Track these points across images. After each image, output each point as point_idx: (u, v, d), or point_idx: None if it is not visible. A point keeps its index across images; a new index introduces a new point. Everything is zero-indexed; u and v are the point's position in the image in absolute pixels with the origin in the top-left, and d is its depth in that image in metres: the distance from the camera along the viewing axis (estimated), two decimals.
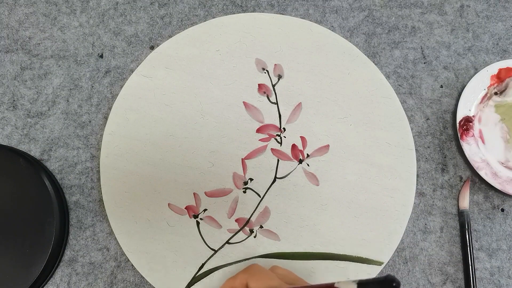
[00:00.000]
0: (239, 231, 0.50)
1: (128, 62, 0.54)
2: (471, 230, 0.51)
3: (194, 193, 0.50)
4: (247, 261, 0.49)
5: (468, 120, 0.52)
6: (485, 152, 0.51)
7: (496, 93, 0.53)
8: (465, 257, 0.50)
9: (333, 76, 0.53)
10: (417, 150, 0.52)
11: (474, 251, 0.51)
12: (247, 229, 0.50)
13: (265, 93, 0.52)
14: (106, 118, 0.53)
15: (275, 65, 0.53)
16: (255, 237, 0.50)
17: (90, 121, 0.53)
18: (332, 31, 0.54)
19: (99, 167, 0.51)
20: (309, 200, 0.50)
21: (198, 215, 0.50)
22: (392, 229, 0.50)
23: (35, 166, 0.49)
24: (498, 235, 0.51)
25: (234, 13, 0.55)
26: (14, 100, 0.53)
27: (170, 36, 0.55)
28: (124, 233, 0.49)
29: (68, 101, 0.53)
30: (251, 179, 0.51)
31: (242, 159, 0.51)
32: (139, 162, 0.51)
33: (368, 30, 0.55)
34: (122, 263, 0.50)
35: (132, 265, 0.49)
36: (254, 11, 0.56)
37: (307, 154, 0.51)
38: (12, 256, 0.47)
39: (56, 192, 0.49)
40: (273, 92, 0.52)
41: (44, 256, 0.47)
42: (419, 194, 0.52)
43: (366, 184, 0.51)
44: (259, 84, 0.53)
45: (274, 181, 0.51)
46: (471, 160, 0.51)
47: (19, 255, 0.47)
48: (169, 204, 0.50)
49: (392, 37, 0.55)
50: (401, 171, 0.51)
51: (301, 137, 0.51)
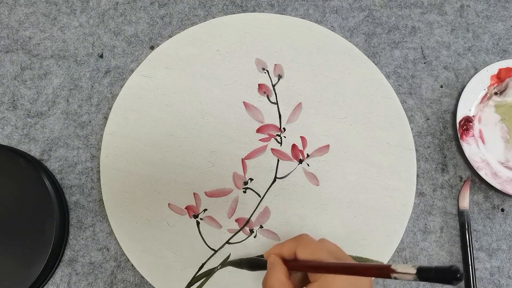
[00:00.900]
0: (239, 231, 0.50)
1: (128, 62, 0.54)
2: (471, 230, 0.51)
3: (194, 193, 0.50)
4: None
5: (468, 120, 0.52)
6: (485, 152, 0.51)
7: (496, 93, 0.53)
8: (465, 257, 0.50)
9: (333, 76, 0.53)
10: (417, 150, 0.52)
11: (474, 251, 0.51)
12: (247, 229, 0.50)
13: (265, 93, 0.52)
14: (106, 118, 0.53)
15: (275, 65, 0.53)
16: (255, 237, 0.50)
17: (90, 121, 0.53)
18: (332, 31, 0.54)
19: (99, 167, 0.51)
20: (309, 200, 0.50)
21: (198, 215, 0.50)
22: (392, 229, 0.50)
23: (35, 166, 0.49)
24: (498, 235, 0.51)
25: (234, 13, 0.55)
26: (14, 100, 0.53)
27: (170, 36, 0.55)
28: (124, 233, 0.49)
29: (68, 101, 0.53)
30: (251, 179, 0.51)
31: (242, 159, 0.51)
32: (139, 162, 0.51)
33: (368, 30, 0.55)
34: (122, 263, 0.50)
35: (132, 265, 0.49)
36: (254, 11, 0.56)
37: (307, 154, 0.51)
38: (12, 256, 0.47)
39: (56, 192, 0.49)
40: (273, 92, 0.52)
41: (44, 256, 0.47)
42: (419, 194, 0.52)
43: (366, 184, 0.51)
44: (259, 84, 0.53)
45: (274, 181, 0.51)
46: (471, 160, 0.51)
47: (19, 255, 0.47)
48: (169, 204, 0.50)
49: (392, 37, 0.55)
50: (401, 171, 0.51)
51: (301, 137, 0.51)
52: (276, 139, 0.52)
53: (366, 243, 0.50)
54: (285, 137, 0.52)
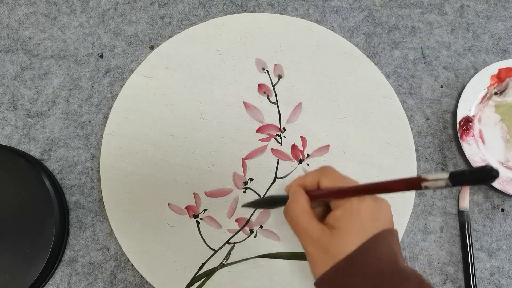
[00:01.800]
0: (239, 231, 0.50)
1: (128, 62, 0.54)
2: (471, 230, 0.51)
3: (194, 193, 0.50)
4: (247, 261, 0.49)
5: (468, 120, 0.52)
6: (485, 152, 0.51)
7: (496, 93, 0.53)
8: (465, 257, 0.50)
9: (333, 76, 0.53)
10: (417, 150, 0.52)
11: (474, 251, 0.51)
12: (247, 229, 0.50)
13: (265, 93, 0.52)
14: (106, 118, 0.53)
15: (275, 65, 0.53)
16: (255, 237, 0.50)
17: (90, 121, 0.53)
18: (332, 31, 0.54)
19: (99, 167, 0.51)
20: None
21: (198, 215, 0.50)
22: None
23: (35, 166, 0.49)
24: (498, 235, 0.51)
25: (234, 13, 0.55)
26: (14, 100, 0.53)
27: (170, 36, 0.55)
28: (124, 233, 0.49)
29: (68, 101, 0.53)
30: (251, 179, 0.51)
31: (242, 159, 0.51)
32: (139, 162, 0.51)
33: (368, 30, 0.55)
34: (122, 263, 0.50)
35: (132, 265, 0.49)
36: (254, 11, 0.56)
37: (307, 154, 0.51)
38: (12, 256, 0.47)
39: (56, 192, 0.49)
40: (273, 92, 0.52)
41: (44, 256, 0.47)
42: (419, 194, 0.52)
43: None
44: (259, 84, 0.53)
45: (274, 181, 0.51)
46: (471, 160, 0.51)
47: (19, 255, 0.47)
48: (169, 204, 0.50)
49: (392, 37, 0.55)
50: (401, 171, 0.51)
51: (301, 137, 0.51)
52: (276, 139, 0.52)
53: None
54: (285, 137, 0.52)
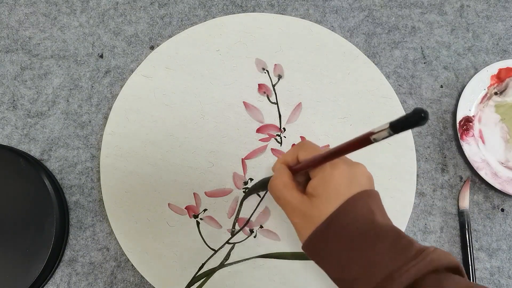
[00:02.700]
0: (239, 231, 0.50)
1: (128, 62, 0.54)
2: (471, 230, 0.51)
3: (194, 193, 0.50)
4: (247, 261, 0.49)
5: (468, 120, 0.52)
6: (485, 152, 0.51)
7: (496, 93, 0.53)
8: (465, 257, 0.50)
9: (333, 76, 0.53)
10: (417, 150, 0.52)
11: (474, 251, 0.51)
12: (247, 229, 0.50)
13: (265, 93, 0.52)
14: (106, 118, 0.53)
15: (275, 65, 0.53)
16: (255, 237, 0.50)
17: (90, 121, 0.53)
18: (332, 31, 0.54)
19: (99, 167, 0.51)
20: None
21: (198, 215, 0.50)
22: None
23: (35, 166, 0.49)
24: (498, 235, 0.51)
25: (234, 13, 0.55)
26: (14, 100, 0.53)
27: (170, 36, 0.55)
28: (124, 233, 0.49)
29: (68, 101, 0.53)
30: (251, 179, 0.51)
31: (242, 159, 0.51)
32: (139, 162, 0.51)
33: (368, 30, 0.55)
34: (122, 263, 0.50)
35: (132, 265, 0.49)
36: (254, 11, 0.56)
37: None
38: (12, 256, 0.47)
39: (56, 192, 0.49)
40: (273, 92, 0.52)
41: (44, 256, 0.47)
42: (419, 194, 0.52)
43: None
44: (259, 84, 0.53)
45: None
46: (471, 160, 0.51)
47: (19, 255, 0.47)
48: (169, 204, 0.50)
49: (392, 37, 0.55)
50: (401, 171, 0.51)
51: (301, 137, 0.51)
52: (276, 139, 0.52)
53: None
54: (285, 137, 0.52)
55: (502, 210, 0.52)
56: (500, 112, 0.52)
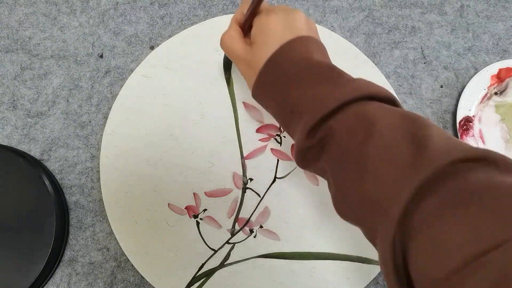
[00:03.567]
0: (239, 231, 0.50)
1: (128, 62, 0.54)
2: None
3: (194, 193, 0.50)
4: (247, 261, 0.49)
5: (468, 120, 0.52)
6: None
7: (496, 93, 0.53)
8: None
9: None
10: None
11: None
12: (247, 229, 0.50)
13: None
14: (106, 118, 0.53)
15: None
16: (255, 237, 0.50)
17: (90, 121, 0.53)
18: (332, 31, 0.54)
19: (99, 167, 0.51)
20: (309, 200, 0.50)
21: (198, 215, 0.50)
22: None
23: (35, 166, 0.49)
24: None
25: (234, 13, 0.55)
26: (14, 100, 0.53)
27: (170, 36, 0.55)
28: (124, 233, 0.49)
29: (68, 101, 0.53)
30: (251, 179, 0.51)
31: (242, 159, 0.51)
32: (139, 162, 0.51)
33: (368, 30, 0.55)
34: (122, 263, 0.50)
35: (132, 265, 0.49)
36: None
37: None
38: (12, 256, 0.47)
39: (56, 192, 0.49)
40: None
41: (44, 256, 0.47)
42: None
43: None
44: None
45: (274, 181, 0.51)
46: None
47: (19, 255, 0.47)
48: (169, 204, 0.50)
49: (392, 37, 0.55)
50: None
51: None
52: (275, 139, 0.52)
53: (367, 243, 0.49)
54: (284, 137, 0.52)
55: None
56: (500, 112, 0.53)
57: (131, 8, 0.56)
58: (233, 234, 0.50)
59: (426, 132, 0.29)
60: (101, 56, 0.54)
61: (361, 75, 0.53)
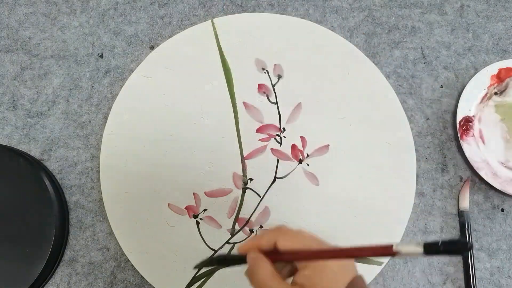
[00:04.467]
0: (239, 231, 0.50)
1: (128, 62, 0.54)
2: (471, 230, 0.51)
3: (194, 193, 0.50)
4: None
5: (468, 120, 0.52)
6: (485, 152, 0.51)
7: (496, 93, 0.53)
8: (465, 257, 0.50)
9: (333, 76, 0.53)
10: (417, 150, 0.52)
11: (474, 251, 0.51)
12: (247, 229, 0.50)
13: (265, 93, 0.52)
14: (106, 118, 0.53)
15: (275, 65, 0.53)
16: None
17: (90, 121, 0.53)
18: (332, 31, 0.54)
19: (99, 167, 0.51)
20: (309, 200, 0.50)
21: (198, 215, 0.50)
22: (392, 229, 0.50)
23: (35, 166, 0.49)
24: (498, 235, 0.51)
25: (234, 13, 0.55)
26: (14, 100, 0.53)
27: (170, 36, 0.55)
28: (124, 233, 0.49)
29: (68, 101, 0.53)
30: (251, 179, 0.51)
31: (242, 159, 0.51)
32: (139, 162, 0.51)
33: (368, 30, 0.55)
34: (122, 263, 0.50)
35: (132, 265, 0.49)
36: (254, 11, 0.56)
37: (307, 154, 0.51)
38: (12, 256, 0.47)
39: (56, 192, 0.49)
40: (273, 92, 0.52)
41: (44, 256, 0.47)
42: (419, 194, 0.52)
43: (366, 184, 0.51)
44: (259, 84, 0.53)
45: (274, 181, 0.51)
46: (471, 160, 0.51)
47: (19, 255, 0.47)
48: (169, 204, 0.50)
49: (392, 37, 0.55)
50: (401, 171, 0.51)
51: (301, 137, 0.51)
52: (276, 139, 0.52)
53: (366, 243, 0.49)
54: (285, 137, 0.52)
55: (502, 210, 0.52)
56: (500, 112, 0.52)
57: (131, 8, 0.56)
58: (233, 234, 0.50)
59: None
60: (101, 56, 0.54)
61: (361, 75, 0.53)
